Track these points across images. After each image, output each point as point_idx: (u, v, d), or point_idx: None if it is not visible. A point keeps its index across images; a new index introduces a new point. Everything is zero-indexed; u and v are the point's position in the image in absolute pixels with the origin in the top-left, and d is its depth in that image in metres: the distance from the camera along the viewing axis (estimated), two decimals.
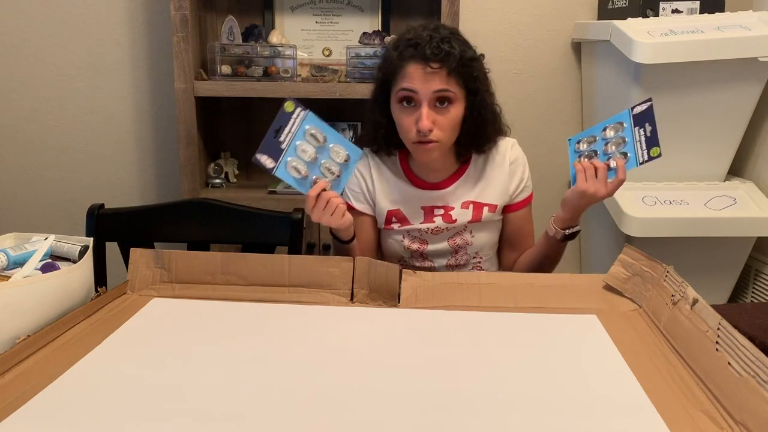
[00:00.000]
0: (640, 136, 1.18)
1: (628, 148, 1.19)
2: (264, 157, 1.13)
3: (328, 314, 1.02)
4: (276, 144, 1.14)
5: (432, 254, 1.33)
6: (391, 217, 1.32)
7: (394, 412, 0.73)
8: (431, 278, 1.10)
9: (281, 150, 1.14)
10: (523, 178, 1.34)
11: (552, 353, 0.88)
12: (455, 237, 1.31)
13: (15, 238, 1.13)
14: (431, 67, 1.16)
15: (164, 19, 2.07)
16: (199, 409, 0.73)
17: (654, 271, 1.02)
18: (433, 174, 1.31)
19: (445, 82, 1.17)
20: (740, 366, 0.72)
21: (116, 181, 2.23)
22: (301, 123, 1.14)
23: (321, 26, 2.07)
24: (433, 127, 1.17)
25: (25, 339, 0.86)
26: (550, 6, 2.10)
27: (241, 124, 2.13)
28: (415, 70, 1.17)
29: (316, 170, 1.15)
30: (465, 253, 1.33)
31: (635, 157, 1.18)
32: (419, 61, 1.17)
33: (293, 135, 1.14)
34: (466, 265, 1.35)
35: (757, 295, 1.92)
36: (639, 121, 1.19)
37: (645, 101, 1.19)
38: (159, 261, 1.11)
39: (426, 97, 1.17)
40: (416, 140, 1.20)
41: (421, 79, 1.17)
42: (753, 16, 1.73)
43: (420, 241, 1.32)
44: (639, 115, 1.19)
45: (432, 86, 1.16)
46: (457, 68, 1.17)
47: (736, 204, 1.78)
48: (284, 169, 1.14)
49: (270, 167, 1.13)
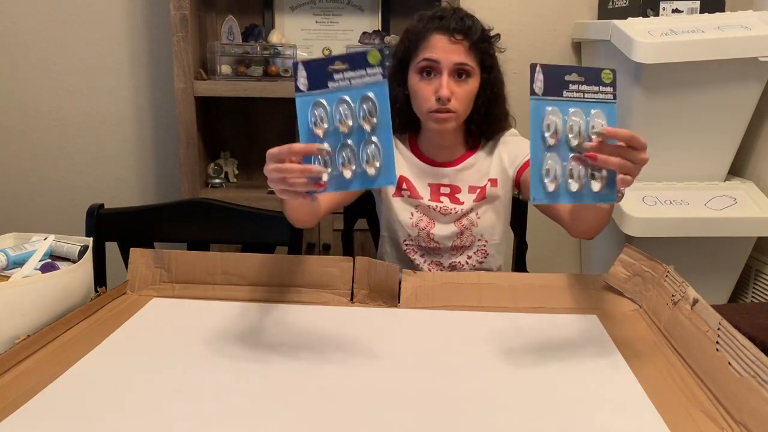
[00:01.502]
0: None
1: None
2: (303, 74, 0.85)
3: (328, 314, 1.02)
4: (325, 76, 0.85)
5: (439, 234, 1.34)
6: (402, 184, 1.34)
7: (394, 412, 0.73)
8: (431, 278, 1.10)
9: (325, 86, 0.85)
10: (522, 144, 1.34)
11: (552, 353, 0.88)
12: (462, 219, 1.33)
13: (15, 238, 1.13)
14: (455, 38, 1.22)
15: (164, 19, 2.06)
16: (199, 409, 0.73)
17: (654, 271, 1.02)
18: (440, 153, 1.34)
19: (465, 55, 1.22)
20: (740, 366, 0.72)
21: (116, 181, 2.23)
22: (369, 85, 0.85)
23: (321, 26, 2.07)
24: (451, 96, 1.22)
25: (25, 339, 0.86)
26: (550, 6, 2.10)
27: (241, 124, 2.12)
28: (439, 40, 1.23)
29: (334, 140, 0.86)
30: (470, 234, 1.34)
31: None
32: (443, 32, 1.22)
33: (349, 87, 0.85)
34: (470, 247, 1.35)
35: (757, 295, 1.92)
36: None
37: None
38: (159, 261, 1.10)
39: (447, 68, 1.22)
40: (434, 109, 1.23)
41: (443, 49, 1.22)
42: (753, 16, 1.73)
43: (428, 220, 1.33)
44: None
45: (453, 58, 1.22)
46: (477, 42, 1.23)
47: (736, 204, 1.78)
48: (308, 104, 0.86)
49: (301, 88, 0.86)
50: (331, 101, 0.85)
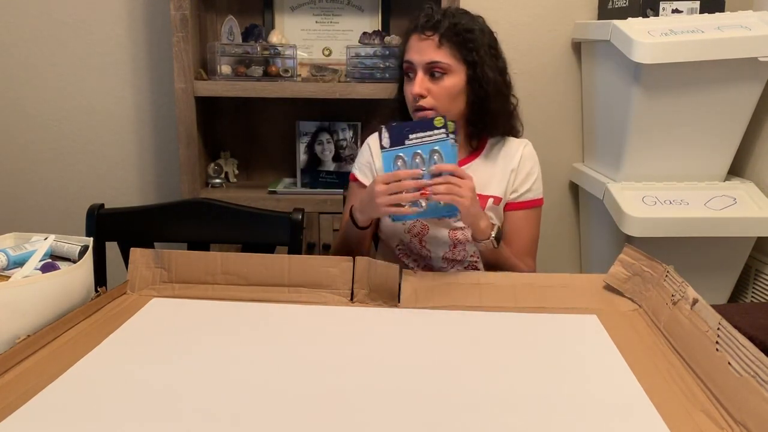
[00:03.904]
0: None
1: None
2: (386, 135, 1.15)
3: (328, 314, 1.02)
4: (403, 136, 1.14)
5: (431, 241, 1.33)
6: None
7: (394, 412, 0.73)
8: (431, 278, 1.10)
9: (403, 144, 1.14)
10: (532, 178, 1.34)
11: (552, 353, 0.88)
12: (456, 231, 1.31)
13: (15, 238, 1.13)
14: (424, 35, 1.23)
15: (164, 19, 2.06)
16: (199, 409, 0.73)
17: (654, 271, 1.02)
18: None
19: (435, 52, 1.23)
20: (740, 366, 0.72)
21: (116, 181, 2.23)
22: (435, 142, 1.14)
23: (321, 26, 2.07)
24: (425, 93, 1.23)
25: (25, 339, 0.86)
26: (550, 6, 2.10)
27: (241, 124, 2.12)
28: (414, 40, 1.25)
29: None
30: (463, 249, 1.33)
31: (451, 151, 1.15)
32: (416, 32, 1.25)
33: (421, 143, 1.14)
34: (462, 261, 1.35)
35: (757, 295, 1.92)
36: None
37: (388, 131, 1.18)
38: (159, 261, 1.10)
39: (420, 67, 1.24)
40: (414, 108, 1.26)
41: (416, 49, 1.24)
42: (753, 16, 1.73)
43: (422, 225, 1.32)
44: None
45: (424, 57, 1.23)
46: (447, 36, 1.22)
47: (736, 204, 1.78)
48: (392, 158, 1.15)
49: (385, 145, 1.15)
50: (408, 154, 1.14)
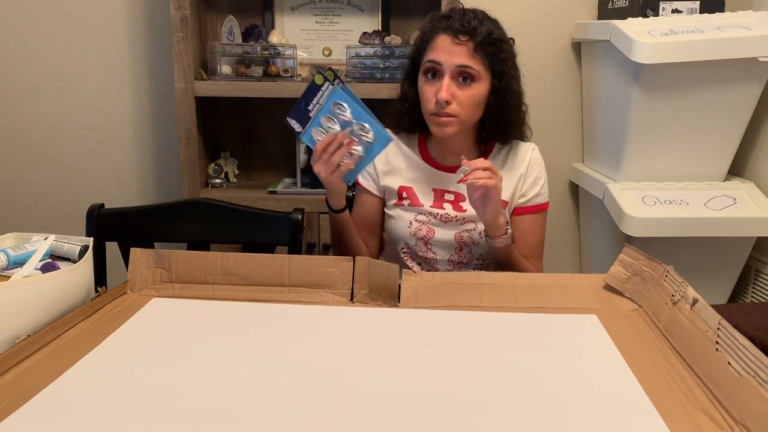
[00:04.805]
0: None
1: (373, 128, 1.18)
2: (293, 122, 1.21)
3: (328, 314, 1.01)
4: (305, 112, 1.20)
5: (437, 245, 1.33)
6: (402, 193, 1.33)
7: (394, 412, 0.73)
8: (431, 278, 1.10)
9: (309, 118, 1.19)
10: (540, 183, 1.34)
11: (552, 353, 0.88)
12: (463, 233, 1.31)
13: (15, 238, 1.13)
14: (459, 39, 1.19)
15: (164, 19, 2.07)
16: (199, 409, 0.73)
17: (654, 271, 1.02)
18: (449, 157, 1.32)
19: (469, 58, 1.20)
20: (740, 366, 0.72)
21: (116, 181, 2.23)
22: (328, 97, 1.17)
23: (321, 26, 2.07)
24: (451, 100, 1.20)
25: (25, 339, 0.86)
26: (550, 6, 2.10)
27: (241, 124, 2.13)
28: (443, 41, 1.21)
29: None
30: (469, 252, 1.33)
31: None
32: (448, 33, 1.21)
33: (320, 107, 1.18)
34: (468, 264, 1.34)
35: (757, 295, 1.92)
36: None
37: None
38: (159, 261, 1.10)
39: (449, 70, 1.20)
40: (434, 111, 1.22)
41: (446, 51, 1.20)
42: (753, 16, 1.73)
43: (428, 228, 1.32)
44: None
45: (456, 60, 1.19)
46: (483, 45, 1.20)
47: (736, 204, 1.78)
48: (310, 136, 1.20)
49: (298, 131, 1.21)
50: (317, 123, 1.17)
